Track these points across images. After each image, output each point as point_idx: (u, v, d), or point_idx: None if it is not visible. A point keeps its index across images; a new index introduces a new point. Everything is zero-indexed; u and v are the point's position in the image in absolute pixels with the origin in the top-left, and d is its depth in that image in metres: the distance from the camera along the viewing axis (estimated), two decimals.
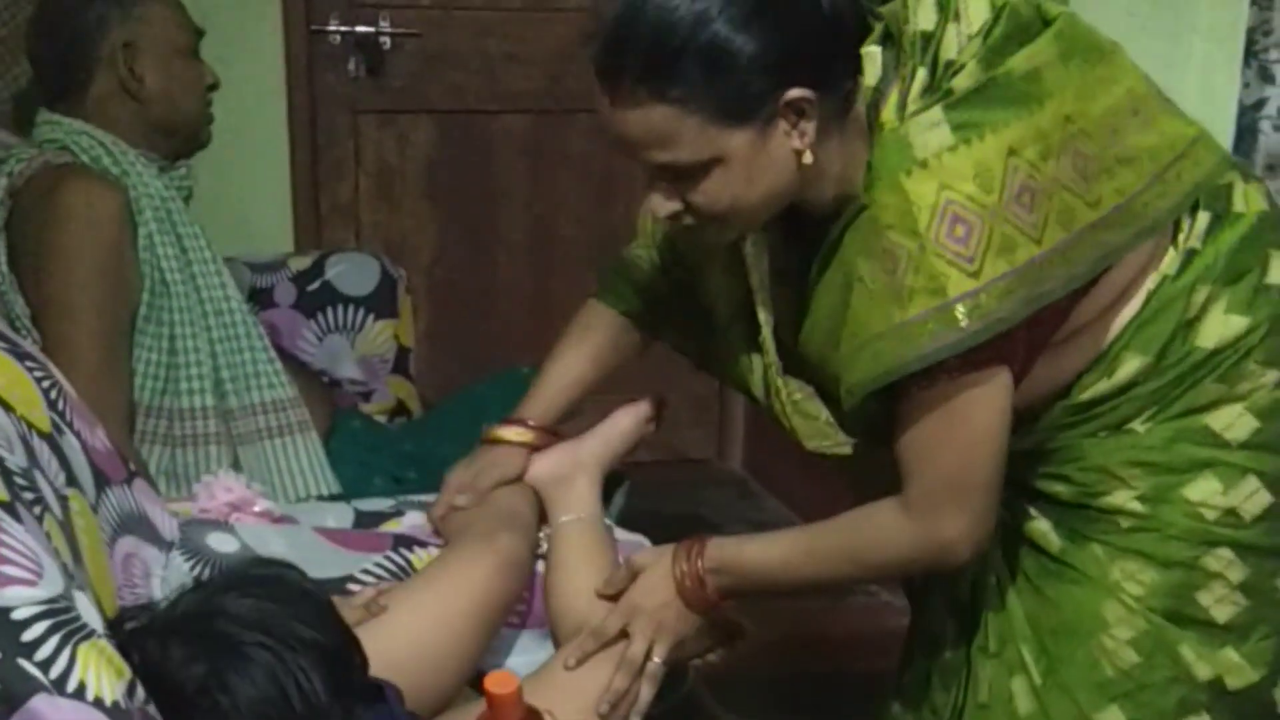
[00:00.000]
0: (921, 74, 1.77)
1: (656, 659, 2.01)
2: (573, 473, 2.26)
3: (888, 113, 1.77)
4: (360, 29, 3.96)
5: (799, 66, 1.72)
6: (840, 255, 1.82)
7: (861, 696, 2.36)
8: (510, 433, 2.26)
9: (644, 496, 2.71)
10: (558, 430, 2.29)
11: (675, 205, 1.81)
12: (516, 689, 1.67)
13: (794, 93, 1.72)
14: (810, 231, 1.88)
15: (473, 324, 4.24)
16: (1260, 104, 3.49)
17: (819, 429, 2.00)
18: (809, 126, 1.75)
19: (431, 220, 4.18)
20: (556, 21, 4.07)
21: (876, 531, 1.91)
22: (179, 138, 2.67)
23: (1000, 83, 1.72)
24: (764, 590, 2.05)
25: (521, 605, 2.17)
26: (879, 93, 1.79)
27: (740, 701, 3.00)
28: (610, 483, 2.48)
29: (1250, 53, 3.45)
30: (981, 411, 1.81)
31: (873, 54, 1.80)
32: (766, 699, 3.13)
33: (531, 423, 2.27)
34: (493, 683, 1.67)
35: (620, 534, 2.30)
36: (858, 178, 1.79)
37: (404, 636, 1.79)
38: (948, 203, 1.69)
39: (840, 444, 2.00)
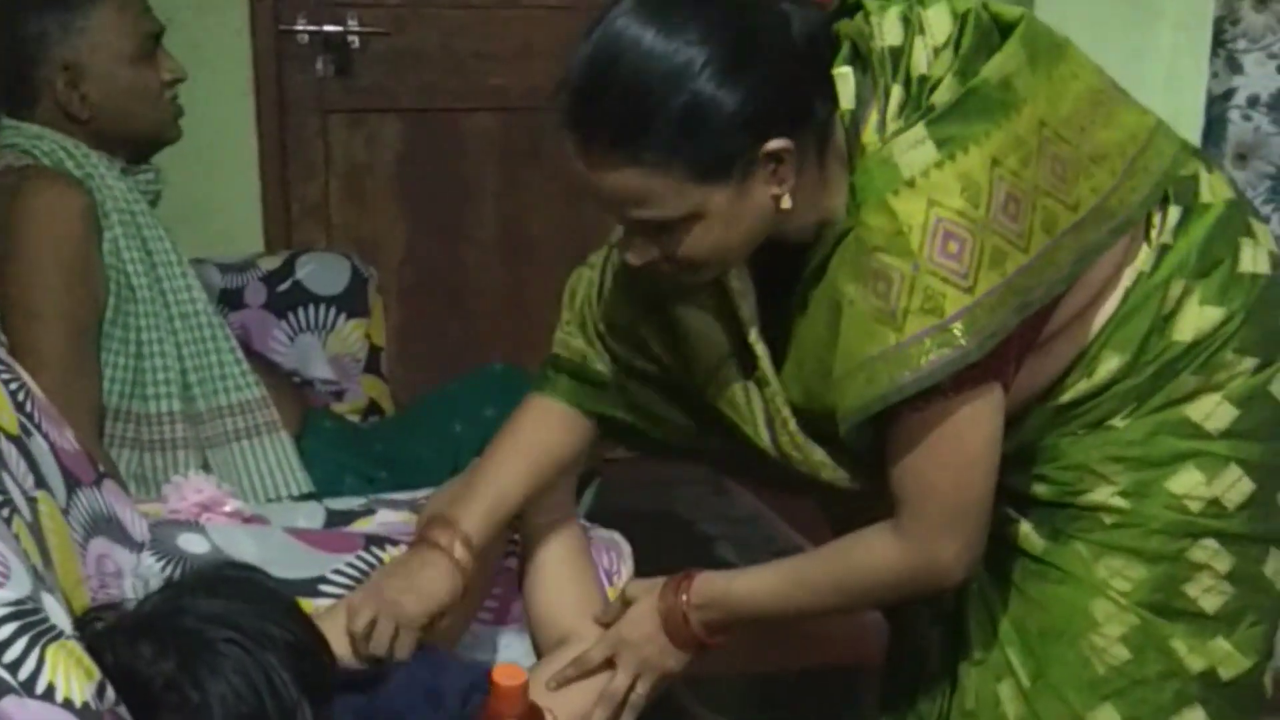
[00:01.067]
0: (896, 91, 1.75)
1: (640, 691, 2.01)
2: None
3: (868, 134, 1.75)
4: (328, 28, 3.95)
5: (778, 116, 1.69)
6: (825, 282, 1.79)
7: (838, 691, 2.36)
8: (458, 551, 1.99)
9: (617, 494, 2.70)
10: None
11: (653, 254, 1.77)
12: (523, 683, 1.68)
13: (773, 144, 1.69)
14: (788, 262, 1.85)
15: (444, 322, 4.23)
16: (1229, 94, 3.50)
17: (816, 466, 1.96)
18: (788, 172, 1.72)
19: (402, 219, 4.17)
20: (525, 19, 4.06)
21: (869, 559, 1.88)
22: (138, 142, 2.63)
23: (978, 94, 1.71)
24: (753, 622, 2.01)
25: (493, 601, 2.16)
26: (856, 115, 1.76)
27: (717, 697, 2.99)
28: (581, 479, 2.47)
29: (1218, 42, 3.46)
30: (977, 431, 1.79)
31: (845, 75, 1.77)
32: (743, 695, 3.13)
33: (473, 541, 2.01)
34: (500, 675, 1.68)
35: (597, 532, 2.29)
36: (839, 202, 1.77)
37: None
38: (938, 220, 1.67)
39: (836, 479, 1.96)
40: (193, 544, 2.09)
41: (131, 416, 2.52)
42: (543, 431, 2.11)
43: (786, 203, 1.73)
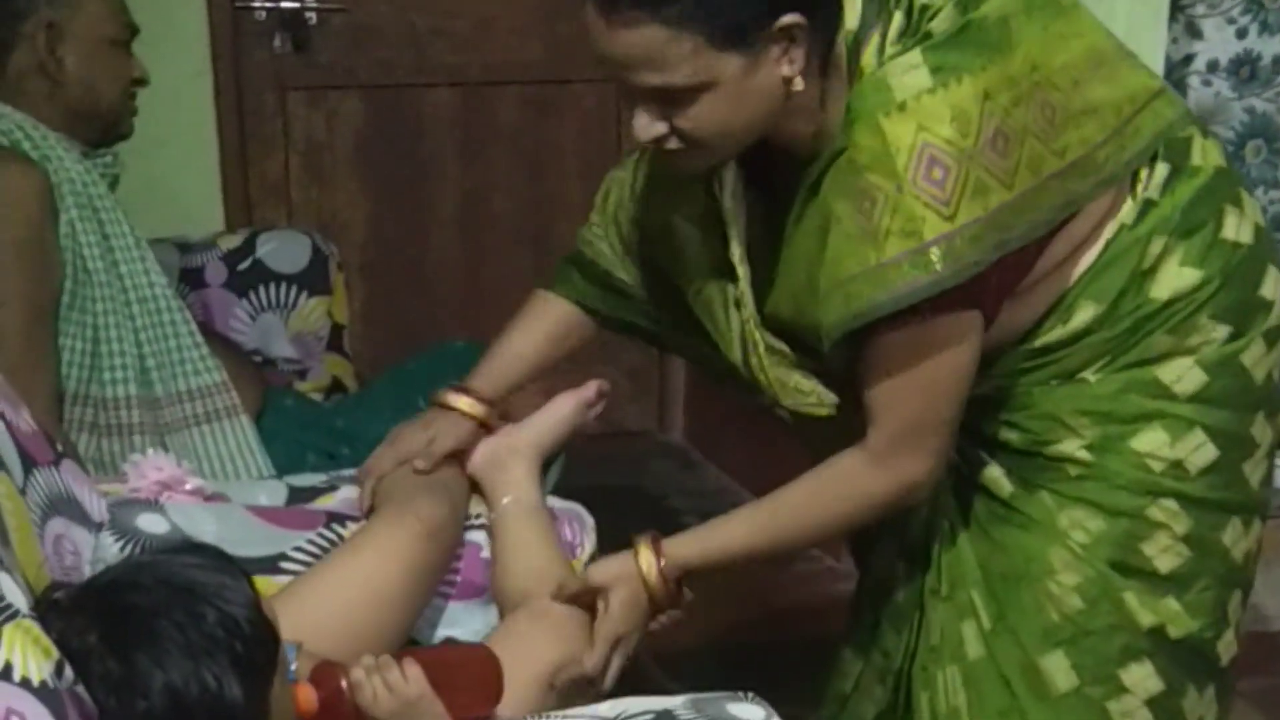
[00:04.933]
0: (898, 18, 1.79)
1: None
2: (508, 458, 2.24)
3: (868, 56, 1.78)
4: (286, 4, 3.92)
5: None
6: (818, 198, 1.83)
7: (807, 663, 2.36)
8: (462, 402, 2.24)
9: (585, 470, 2.69)
10: (505, 408, 2.28)
11: (661, 129, 1.80)
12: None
13: (787, 18, 1.72)
14: (784, 178, 1.89)
15: (407, 299, 4.22)
16: (1188, 59, 3.51)
17: (790, 393, 2.00)
18: (799, 53, 1.75)
19: (363, 196, 4.15)
20: None
21: (840, 485, 1.94)
22: (97, 125, 2.64)
23: (976, 27, 1.75)
24: (730, 569, 2.05)
25: (454, 575, 2.16)
26: (859, 37, 1.80)
27: (686, 671, 2.99)
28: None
29: (1177, 7, 3.47)
30: (951, 354, 1.83)
31: None
32: (712, 668, 3.13)
33: (483, 394, 2.25)
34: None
35: (558, 505, 2.29)
36: (836, 119, 1.80)
37: (329, 607, 1.78)
38: (925, 145, 1.71)
39: (816, 405, 2.00)
40: (152, 524, 2.08)
41: (90, 401, 2.51)
42: (548, 321, 2.28)
43: (799, 84, 1.76)
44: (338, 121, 4.09)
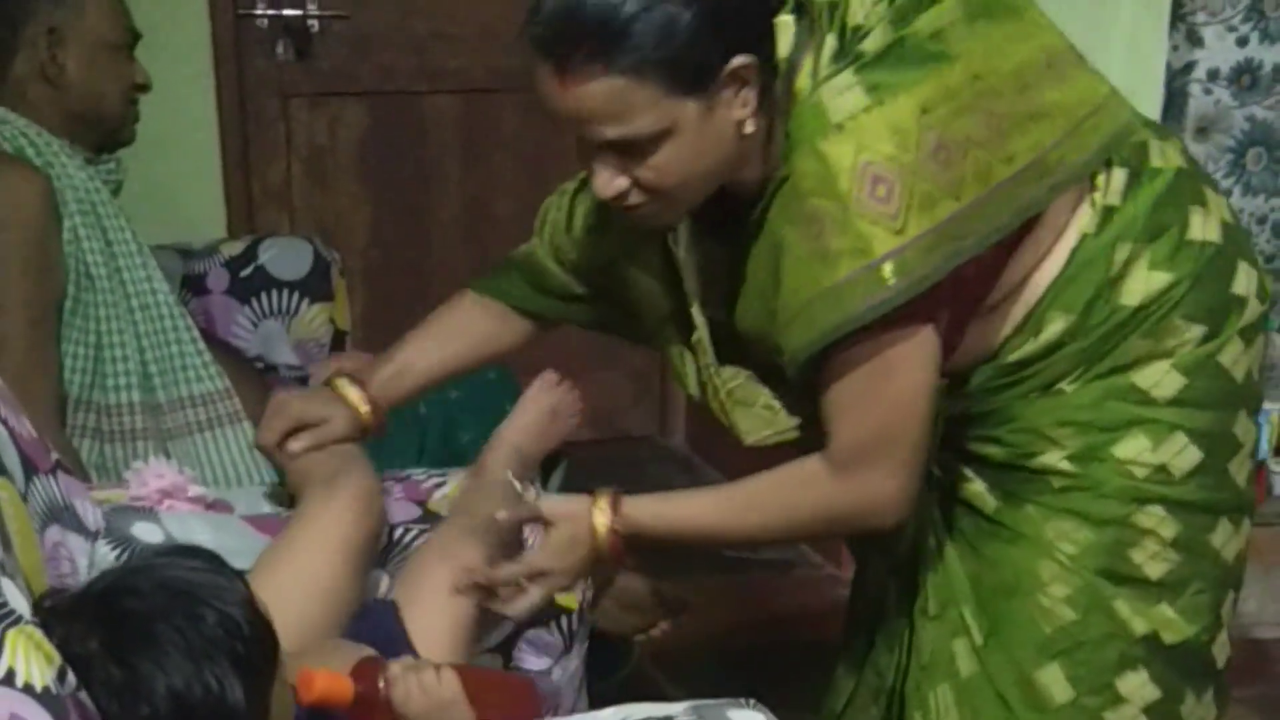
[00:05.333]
0: (830, 40, 1.79)
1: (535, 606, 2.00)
2: (487, 456, 2.24)
3: (801, 81, 1.78)
4: (288, 12, 3.93)
5: (740, 33, 1.73)
6: (767, 227, 1.82)
7: (807, 668, 2.36)
8: (354, 395, 2.18)
9: (587, 475, 2.69)
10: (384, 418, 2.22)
11: (622, 183, 1.79)
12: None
13: (739, 59, 1.72)
14: (737, 216, 1.88)
15: (409, 305, 4.15)
16: (1189, 67, 3.51)
17: (757, 415, 1.99)
18: (751, 94, 1.75)
19: (365, 202, 4.15)
20: (485, 0, 4.04)
21: (801, 487, 1.92)
22: (98, 130, 2.64)
23: (908, 43, 1.74)
24: (679, 546, 2.07)
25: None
26: (792, 63, 1.80)
27: (687, 676, 3.00)
28: (547, 463, 2.46)
29: (1178, 16, 3.47)
30: (905, 369, 1.81)
31: (786, 24, 1.80)
32: (713, 673, 3.14)
33: (377, 402, 2.19)
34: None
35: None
36: (779, 150, 1.80)
37: (279, 606, 1.75)
38: (866, 164, 1.70)
39: (781, 431, 1.99)
40: (147, 533, 2.08)
41: (92, 407, 2.51)
42: (468, 321, 2.27)
43: (749, 126, 1.76)
44: (340, 128, 4.10)
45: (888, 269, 1.71)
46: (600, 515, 1.96)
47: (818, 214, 1.72)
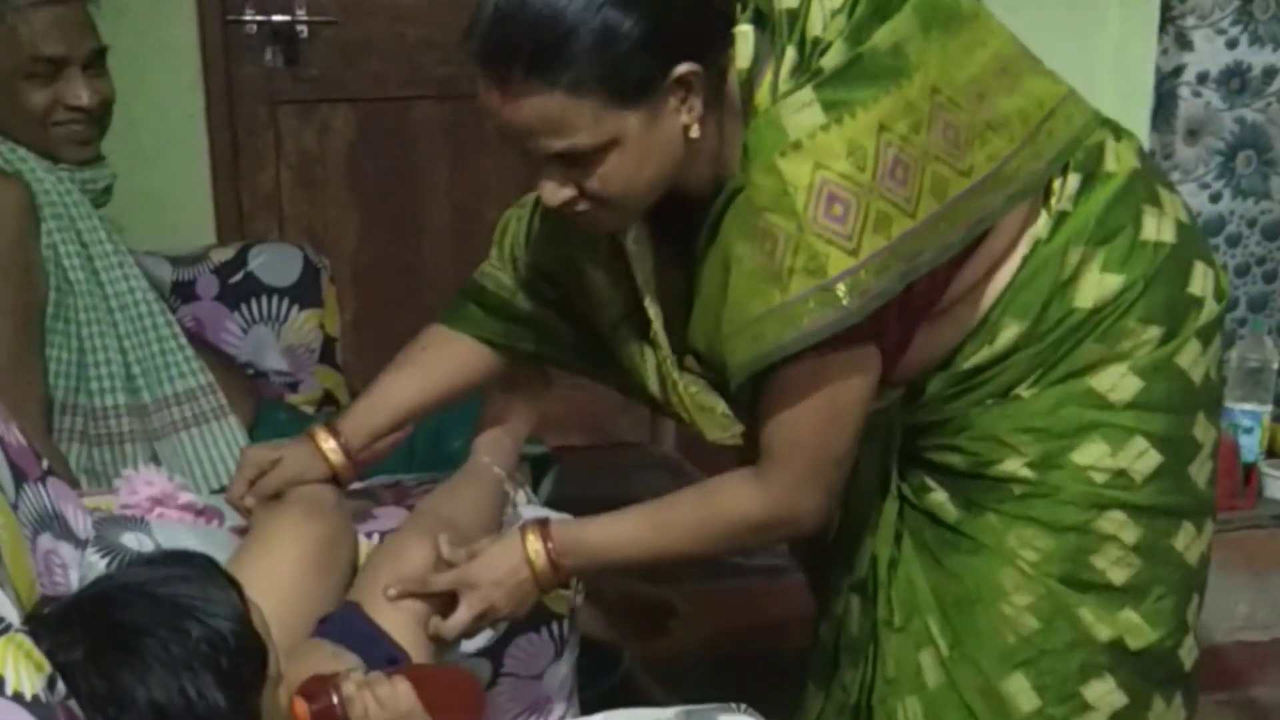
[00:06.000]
0: (790, 53, 1.78)
1: (471, 630, 2.00)
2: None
3: (761, 94, 1.77)
4: (276, 18, 3.91)
5: (684, 42, 1.71)
6: (719, 238, 1.81)
7: (797, 674, 2.36)
8: (329, 445, 2.14)
9: (577, 481, 2.70)
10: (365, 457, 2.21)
11: (569, 192, 1.79)
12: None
13: (682, 68, 1.71)
14: (689, 218, 1.87)
15: (399, 311, 4.19)
16: (1179, 70, 3.51)
17: (717, 421, 1.99)
18: (696, 101, 1.74)
19: (354, 209, 4.14)
20: (473, 6, 4.02)
21: (728, 503, 1.93)
22: (34, 150, 2.55)
23: (866, 59, 1.73)
24: (614, 569, 2.09)
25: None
26: (753, 74, 1.79)
27: (677, 682, 2.99)
28: (538, 467, 2.46)
29: (1167, 19, 3.47)
30: (848, 389, 1.82)
31: (745, 33, 1.80)
32: (703, 679, 3.13)
33: (349, 444, 2.15)
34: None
35: (546, 514, 2.28)
36: (734, 159, 1.79)
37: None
38: (823, 182, 1.69)
39: (738, 435, 1.99)
40: (137, 542, 2.08)
41: (79, 410, 2.51)
42: (440, 354, 2.21)
43: (695, 131, 1.75)
44: (329, 134, 4.08)
45: (841, 289, 1.70)
46: (533, 540, 1.97)
47: (771, 230, 1.72)
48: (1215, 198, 3.65)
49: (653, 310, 1.95)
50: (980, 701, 1.99)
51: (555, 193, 1.79)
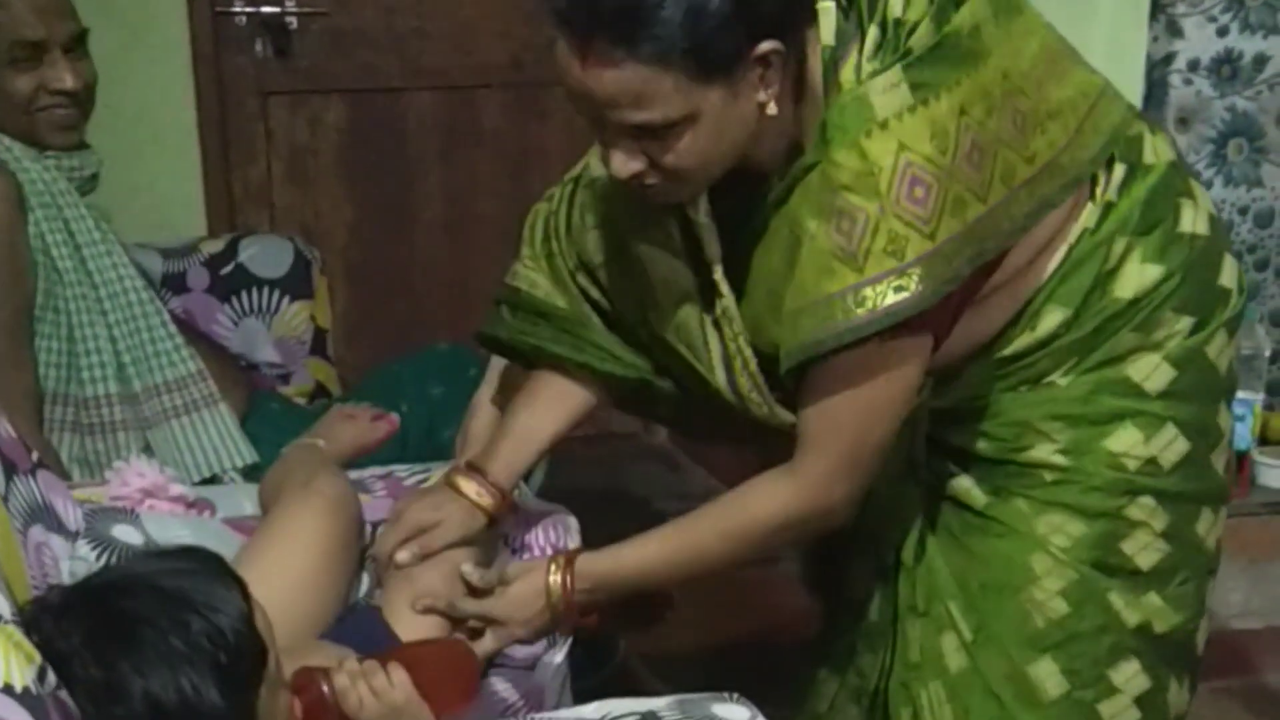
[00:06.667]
0: (873, 32, 1.77)
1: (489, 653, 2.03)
2: None
3: (846, 73, 1.76)
4: (266, 9, 3.91)
5: (768, 19, 1.70)
6: (786, 214, 1.81)
7: (794, 665, 2.36)
8: (472, 490, 2.09)
9: (570, 472, 2.69)
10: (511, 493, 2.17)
11: (638, 165, 1.76)
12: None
13: (766, 45, 1.69)
14: (745, 193, 1.86)
15: (390, 303, 4.21)
16: (1170, 58, 3.51)
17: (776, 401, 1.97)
18: (775, 77, 1.73)
19: (346, 200, 4.14)
20: None
21: (757, 505, 1.92)
22: (16, 138, 2.54)
23: (952, 41, 1.73)
24: (645, 588, 2.06)
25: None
26: (837, 52, 1.78)
27: (672, 672, 2.99)
28: None
29: (1157, 6, 3.47)
30: (898, 379, 1.81)
31: (828, 10, 1.79)
32: (699, 669, 3.13)
33: (497, 481, 2.10)
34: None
35: (542, 507, 2.28)
36: (810, 134, 1.78)
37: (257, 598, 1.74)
38: (907, 164, 1.69)
39: (782, 420, 1.97)
40: (127, 534, 2.07)
41: (69, 400, 2.50)
42: (558, 385, 2.15)
43: (773, 109, 1.74)
44: (320, 126, 4.08)
45: (916, 273, 1.70)
46: (555, 574, 2.00)
47: (851, 210, 1.70)
48: (1207, 186, 3.65)
49: (724, 284, 1.92)
50: (1007, 686, 1.99)
51: (625, 164, 1.76)
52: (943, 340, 1.86)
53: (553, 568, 2.01)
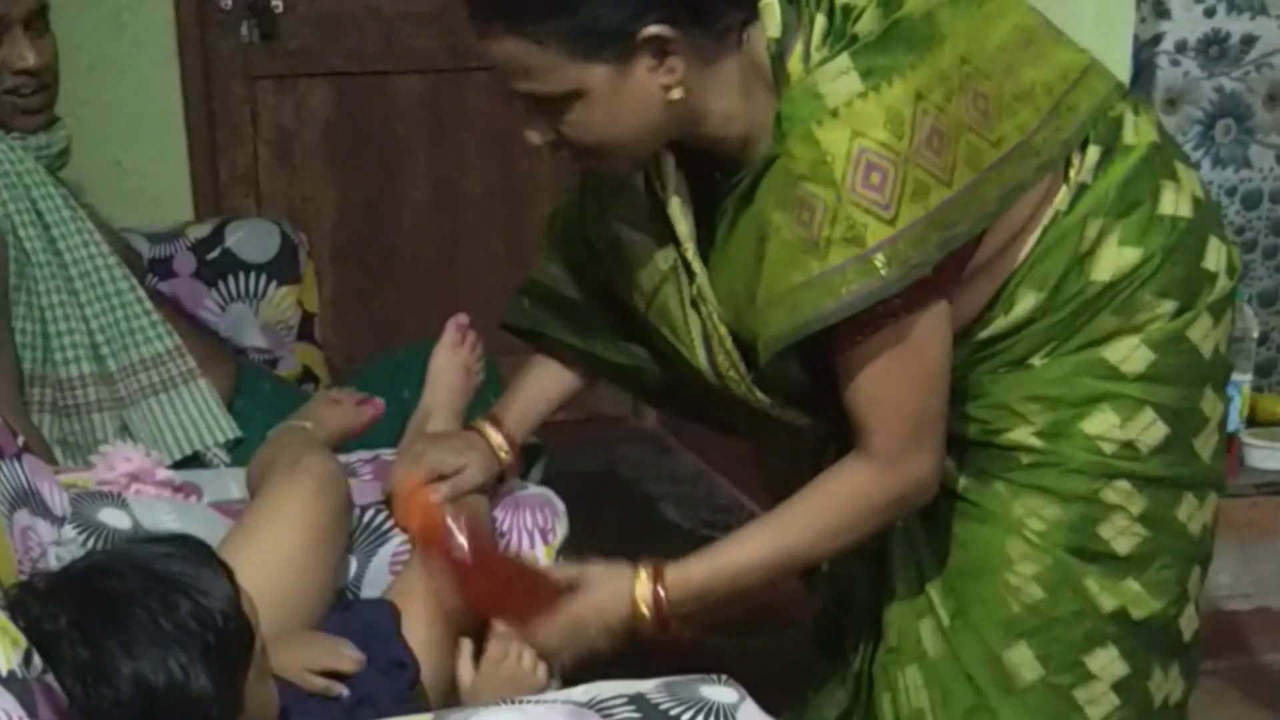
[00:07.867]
0: (820, 20, 1.77)
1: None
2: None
3: (794, 63, 1.77)
4: None
5: (656, 4, 1.70)
6: (752, 207, 1.81)
7: (781, 647, 2.36)
8: (496, 440, 2.14)
9: (561, 456, 2.68)
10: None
11: (545, 135, 1.79)
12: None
13: (651, 29, 1.70)
14: (713, 181, 1.87)
15: (378, 287, 4.21)
16: (1157, 39, 3.51)
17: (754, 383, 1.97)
18: (677, 63, 1.73)
19: (332, 184, 4.14)
20: None
21: (844, 493, 1.91)
22: None
23: (903, 26, 1.73)
24: (741, 592, 1.98)
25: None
26: (783, 43, 1.78)
27: (661, 655, 2.99)
28: (529, 455, 2.45)
29: None
30: (932, 344, 1.82)
31: (770, 4, 1.79)
32: (689, 652, 3.12)
33: (511, 435, 2.15)
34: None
35: (529, 490, 2.28)
36: (765, 126, 1.78)
37: (249, 585, 1.73)
38: (861, 151, 1.69)
39: (760, 400, 1.98)
40: (114, 518, 2.07)
41: (47, 382, 2.48)
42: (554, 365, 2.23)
43: (676, 94, 1.74)
44: (306, 109, 4.08)
45: (880, 259, 1.70)
46: (641, 587, 1.92)
47: (809, 200, 1.71)
48: (1195, 167, 3.64)
49: (697, 263, 1.93)
50: (983, 671, 1.99)
51: (536, 134, 1.80)
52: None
53: (638, 584, 1.92)
